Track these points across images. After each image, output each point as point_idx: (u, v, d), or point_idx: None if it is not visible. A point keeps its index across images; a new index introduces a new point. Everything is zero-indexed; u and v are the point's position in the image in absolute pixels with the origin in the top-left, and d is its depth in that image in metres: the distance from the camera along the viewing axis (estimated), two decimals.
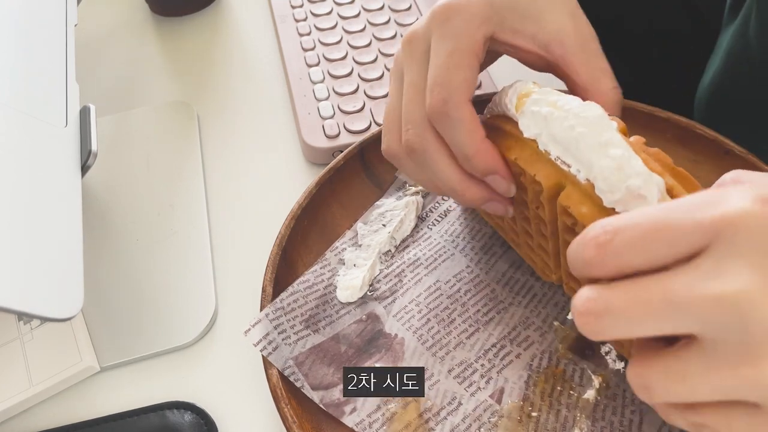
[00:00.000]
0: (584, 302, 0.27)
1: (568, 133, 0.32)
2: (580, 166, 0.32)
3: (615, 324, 0.26)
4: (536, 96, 0.34)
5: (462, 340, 0.41)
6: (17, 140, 0.40)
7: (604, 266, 0.27)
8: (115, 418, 0.42)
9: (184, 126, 0.58)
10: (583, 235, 0.28)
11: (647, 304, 0.26)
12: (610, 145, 0.31)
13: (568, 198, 0.32)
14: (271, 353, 0.40)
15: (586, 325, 0.27)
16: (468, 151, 0.35)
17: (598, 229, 0.27)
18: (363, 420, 0.38)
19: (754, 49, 0.50)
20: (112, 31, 0.69)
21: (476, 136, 0.35)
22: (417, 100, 0.37)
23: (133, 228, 0.51)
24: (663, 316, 0.25)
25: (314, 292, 0.44)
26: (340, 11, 0.65)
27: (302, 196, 0.47)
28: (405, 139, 0.37)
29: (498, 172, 0.36)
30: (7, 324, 0.45)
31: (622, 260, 0.26)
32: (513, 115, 0.35)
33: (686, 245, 0.26)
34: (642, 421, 0.37)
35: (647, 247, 0.26)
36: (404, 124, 0.38)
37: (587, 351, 0.40)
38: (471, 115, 0.35)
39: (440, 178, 0.37)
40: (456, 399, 0.39)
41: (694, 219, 0.26)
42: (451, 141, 0.36)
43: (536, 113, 0.33)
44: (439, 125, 0.36)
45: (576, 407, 0.38)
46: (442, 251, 0.46)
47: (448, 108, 0.35)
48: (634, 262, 0.26)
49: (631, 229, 0.26)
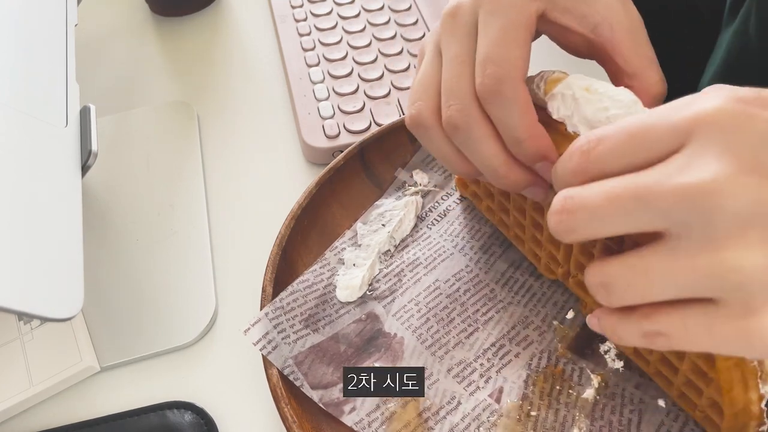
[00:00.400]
0: (561, 201, 0.27)
1: (602, 114, 0.32)
2: None
3: (587, 220, 0.27)
4: (569, 80, 0.34)
5: (461, 339, 0.41)
6: (17, 140, 0.40)
7: (588, 172, 0.28)
8: (115, 418, 0.42)
9: (184, 126, 0.58)
10: (569, 147, 0.29)
11: (618, 200, 0.26)
12: None
13: None
14: (270, 352, 0.40)
15: (559, 223, 0.27)
16: (520, 135, 0.33)
17: (582, 139, 0.28)
18: (362, 419, 0.38)
19: (754, 48, 0.50)
20: (112, 31, 0.69)
21: (530, 119, 0.33)
22: (464, 75, 0.34)
23: (133, 228, 0.51)
24: (632, 211, 0.26)
25: (314, 292, 0.44)
26: (340, 11, 0.65)
27: (302, 196, 0.47)
28: (447, 114, 0.35)
29: (550, 158, 0.33)
30: (7, 324, 0.45)
31: (604, 165, 0.27)
32: (541, 99, 0.35)
33: (663, 146, 0.26)
34: (641, 420, 0.37)
35: (627, 151, 0.27)
36: (447, 99, 0.35)
37: (586, 350, 0.40)
38: (526, 96, 0.33)
39: (482, 159, 0.35)
40: (455, 398, 0.39)
41: (669, 121, 0.26)
42: (502, 122, 0.34)
43: (567, 96, 0.34)
44: (490, 104, 0.34)
45: (575, 406, 0.38)
46: (441, 251, 0.46)
47: (503, 87, 0.33)
48: (615, 167, 0.27)
49: (613, 135, 0.27)
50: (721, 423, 0.33)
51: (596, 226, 0.27)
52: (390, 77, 0.58)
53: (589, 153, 0.28)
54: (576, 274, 0.39)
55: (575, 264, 0.38)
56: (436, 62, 0.36)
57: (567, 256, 0.39)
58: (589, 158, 0.28)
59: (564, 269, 0.39)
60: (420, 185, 0.49)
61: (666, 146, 0.26)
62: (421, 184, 0.49)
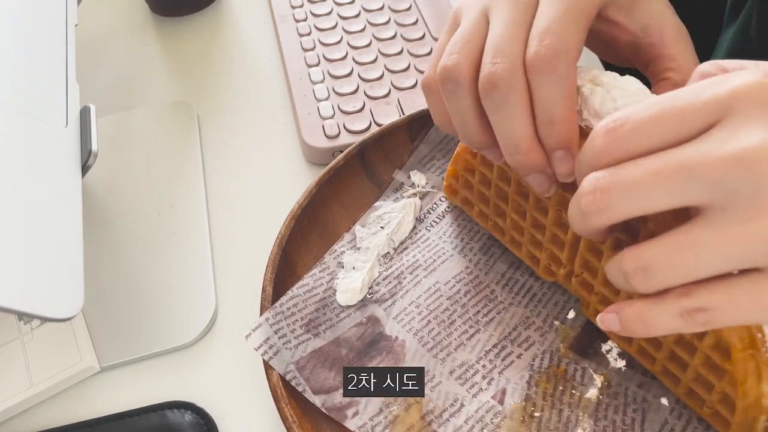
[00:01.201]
0: (592, 181, 0.27)
1: (610, 105, 0.32)
2: None
3: (622, 197, 0.26)
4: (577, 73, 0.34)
5: (463, 341, 0.41)
6: (17, 140, 0.40)
7: (617, 151, 0.27)
8: (115, 418, 0.42)
9: (184, 126, 0.58)
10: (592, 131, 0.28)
11: (658, 174, 0.26)
12: None
13: None
14: (272, 358, 0.40)
15: (592, 203, 0.27)
16: (558, 114, 0.32)
17: (607, 119, 0.27)
18: (365, 423, 0.38)
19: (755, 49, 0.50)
20: (112, 31, 0.69)
21: (572, 103, 0.32)
22: (517, 37, 0.33)
23: (133, 228, 0.51)
24: (674, 184, 0.25)
25: (314, 296, 0.44)
26: (340, 11, 0.65)
27: (302, 196, 0.47)
28: (491, 71, 0.32)
29: (571, 150, 0.33)
30: (7, 324, 0.45)
31: (634, 143, 0.27)
32: None
33: (698, 122, 0.26)
34: (644, 419, 0.37)
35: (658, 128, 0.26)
36: (493, 56, 0.33)
37: (588, 350, 0.40)
38: (575, 79, 0.33)
39: (509, 127, 0.33)
40: (458, 400, 0.39)
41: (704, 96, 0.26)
42: (543, 97, 0.32)
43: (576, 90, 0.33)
44: (539, 75, 0.32)
45: (578, 407, 0.38)
46: (440, 253, 0.46)
47: (558, 61, 0.32)
48: (646, 144, 0.26)
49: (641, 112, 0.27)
50: (732, 418, 0.33)
51: (634, 202, 0.26)
52: (390, 77, 0.58)
53: (615, 131, 0.27)
54: (581, 272, 0.38)
55: (581, 262, 0.38)
56: (481, 23, 0.35)
57: (572, 255, 0.39)
58: (616, 136, 0.27)
59: (567, 269, 0.39)
60: (418, 187, 0.49)
61: (702, 122, 0.26)
62: (418, 186, 0.49)
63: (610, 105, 0.32)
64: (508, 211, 0.41)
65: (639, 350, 0.38)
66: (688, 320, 0.27)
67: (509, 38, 0.33)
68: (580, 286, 0.39)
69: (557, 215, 0.38)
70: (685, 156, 0.25)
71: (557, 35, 0.32)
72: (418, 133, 0.51)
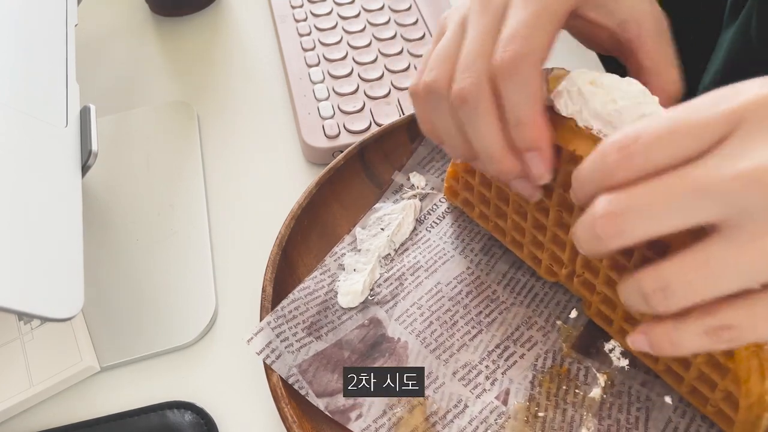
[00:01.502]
0: (604, 205, 0.27)
1: (611, 107, 0.32)
2: None
3: (638, 220, 0.26)
4: (573, 75, 0.34)
5: (465, 342, 0.41)
6: (17, 140, 0.40)
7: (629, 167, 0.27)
8: (115, 418, 0.42)
9: (184, 126, 0.58)
10: (601, 145, 0.28)
11: (672, 194, 0.26)
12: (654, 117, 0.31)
13: None
14: (274, 362, 0.40)
15: (606, 226, 0.27)
16: (524, 116, 0.33)
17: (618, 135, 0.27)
18: (369, 426, 0.38)
19: (756, 49, 0.50)
20: (112, 31, 0.69)
21: (537, 105, 0.33)
22: (483, 52, 0.34)
23: (133, 228, 0.51)
24: (689, 204, 0.25)
25: (315, 299, 0.43)
26: (340, 11, 0.65)
27: (302, 196, 0.47)
28: (459, 86, 0.34)
29: (542, 151, 0.33)
30: (7, 324, 0.45)
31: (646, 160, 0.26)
32: (546, 98, 0.35)
33: (710, 135, 0.26)
34: (648, 417, 0.37)
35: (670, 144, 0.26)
36: (462, 71, 0.34)
37: (591, 349, 0.40)
38: (539, 82, 0.33)
39: (481, 138, 0.35)
40: (462, 401, 0.39)
41: (714, 110, 0.26)
42: (510, 100, 0.33)
43: (573, 92, 0.34)
44: (504, 80, 0.33)
45: (582, 406, 0.38)
46: (441, 254, 0.45)
47: (521, 65, 0.32)
48: (658, 160, 0.26)
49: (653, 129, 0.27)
50: (735, 415, 0.33)
51: (649, 224, 0.26)
52: (390, 77, 0.58)
53: (628, 148, 0.27)
54: (582, 272, 0.38)
55: (582, 262, 0.38)
56: (458, 36, 0.36)
57: (573, 256, 0.38)
58: (629, 154, 0.27)
59: (568, 270, 0.39)
60: (417, 188, 0.49)
61: (713, 136, 0.26)
62: (418, 187, 0.49)
63: (611, 107, 0.32)
64: (509, 212, 0.41)
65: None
66: (713, 338, 0.27)
67: (477, 52, 0.34)
68: (582, 285, 0.39)
69: (558, 215, 0.38)
70: (700, 175, 0.25)
71: (520, 39, 0.33)
72: (418, 133, 0.51)
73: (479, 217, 0.45)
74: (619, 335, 0.39)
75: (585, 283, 0.39)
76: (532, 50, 0.33)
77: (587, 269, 0.38)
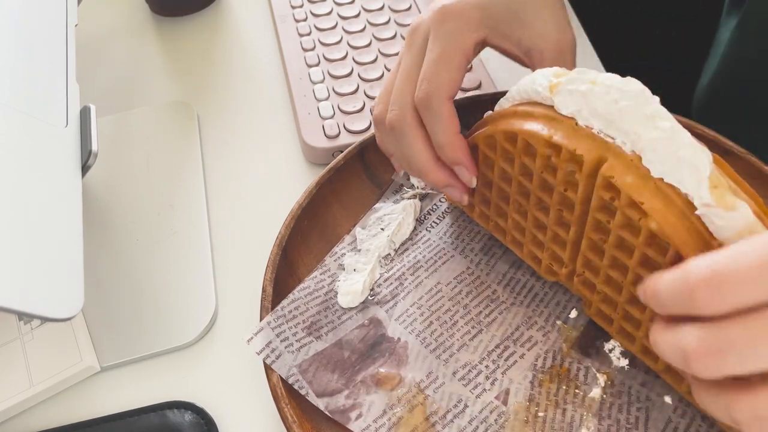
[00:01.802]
0: (699, 343, 0.26)
1: (612, 107, 0.33)
2: (626, 138, 0.32)
3: (740, 359, 0.26)
4: (573, 75, 0.34)
5: (465, 342, 0.41)
6: (17, 140, 0.40)
7: (721, 305, 0.26)
8: (115, 418, 0.42)
9: (184, 126, 0.58)
10: (685, 272, 0.27)
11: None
12: (657, 117, 0.32)
13: (612, 169, 0.33)
14: (274, 361, 0.40)
15: (699, 362, 0.26)
16: (442, 141, 0.40)
17: (704, 269, 0.26)
18: (369, 425, 0.38)
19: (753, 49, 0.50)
20: (112, 31, 0.69)
21: (451, 129, 0.40)
22: (406, 88, 0.41)
23: (133, 228, 0.51)
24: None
25: (315, 299, 0.43)
26: (340, 11, 0.65)
27: (302, 196, 0.47)
28: (389, 118, 0.42)
29: (463, 164, 0.40)
30: (8, 324, 0.45)
31: (739, 298, 0.25)
32: (545, 97, 0.36)
33: None
34: (648, 417, 0.37)
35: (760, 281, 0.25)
36: (391, 105, 0.42)
37: (591, 349, 0.40)
38: (449, 111, 0.40)
39: (410, 156, 0.42)
40: (462, 401, 0.39)
41: None
42: (430, 129, 0.40)
43: (574, 91, 0.34)
44: (423, 114, 0.40)
45: (582, 406, 0.38)
46: (441, 253, 0.45)
47: (431, 102, 0.39)
48: (752, 298, 0.25)
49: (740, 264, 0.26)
50: None
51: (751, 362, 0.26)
52: None
53: (720, 288, 0.26)
54: (583, 272, 0.38)
55: (583, 261, 0.38)
56: (396, 71, 0.43)
57: (573, 255, 0.39)
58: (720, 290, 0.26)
59: (569, 269, 0.39)
60: (417, 188, 0.49)
61: None
62: (418, 187, 0.49)
63: (614, 107, 0.32)
64: (510, 211, 0.41)
65: (642, 349, 0.38)
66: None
67: (401, 88, 0.41)
68: (582, 285, 0.39)
69: (558, 215, 0.38)
70: None
71: (429, 80, 0.40)
72: None
73: (479, 217, 0.45)
74: (620, 335, 0.39)
75: (585, 283, 0.39)
76: (438, 88, 0.39)
77: (588, 268, 0.38)
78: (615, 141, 0.33)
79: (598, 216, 0.35)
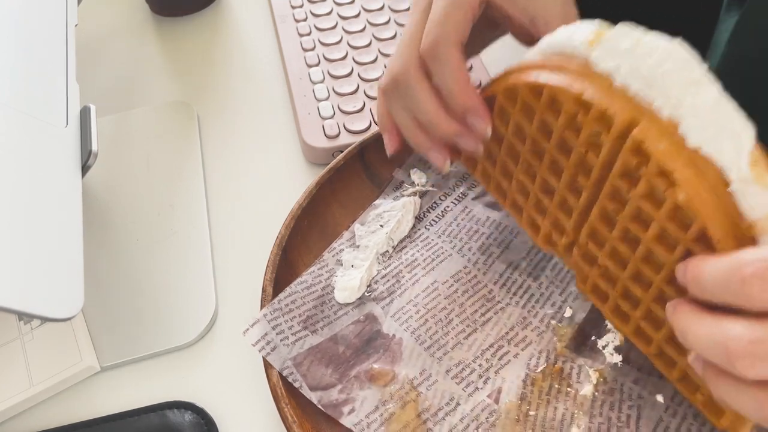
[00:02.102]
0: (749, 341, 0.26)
1: (654, 68, 0.30)
2: (666, 102, 0.30)
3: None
4: (617, 30, 0.32)
5: (460, 340, 0.41)
6: (17, 140, 0.40)
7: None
8: (115, 418, 0.42)
9: (184, 126, 0.58)
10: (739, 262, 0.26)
11: None
12: (701, 84, 0.30)
13: (644, 132, 0.30)
14: (269, 353, 0.40)
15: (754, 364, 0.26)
16: (452, 87, 0.38)
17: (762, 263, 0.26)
18: (361, 420, 0.38)
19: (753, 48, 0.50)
20: (112, 31, 0.69)
21: (461, 75, 0.38)
22: (411, 42, 0.40)
23: (133, 228, 0.51)
24: None
25: (312, 293, 0.44)
26: (340, 11, 0.65)
27: (302, 196, 0.47)
28: (393, 71, 0.40)
29: (478, 111, 0.38)
30: (8, 324, 0.45)
31: None
32: (581, 51, 0.33)
33: None
34: (640, 416, 0.37)
35: None
36: (395, 60, 0.40)
37: (584, 346, 0.40)
38: (459, 58, 0.38)
39: (419, 109, 0.40)
40: (454, 399, 0.39)
41: None
42: (439, 78, 0.39)
43: (615, 47, 0.32)
44: (429, 63, 0.39)
45: (574, 404, 0.38)
46: (439, 252, 0.46)
47: (439, 49, 0.38)
48: None
49: None
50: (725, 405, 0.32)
51: None
52: None
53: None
54: (586, 243, 0.36)
55: (589, 231, 0.36)
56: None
57: (578, 225, 0.37)
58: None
59: (569, 239, 0.38)
60: (417, 185, 0.49)
61: None
62: (418, 184, 0.49)
63: (657, 70, 0.30)
64: (516, 171, 0.39)
65: (636, 330, 0.36)
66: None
67: (405, 43, 0.40)
68: (582, 258, 0.37)
69: (572, 178, 0.36)
70: None
71: (436, 27, 0.38)
72: None
73: (482, 175, 0.43)
74: (614, 314, 0.37)
75: (586, 255, 0.37)
76: (447, 33, 0.38)
77: (592, 239, 0.36)
78: (652, 104, 0.31)
79: (618, 183, 0.33)
